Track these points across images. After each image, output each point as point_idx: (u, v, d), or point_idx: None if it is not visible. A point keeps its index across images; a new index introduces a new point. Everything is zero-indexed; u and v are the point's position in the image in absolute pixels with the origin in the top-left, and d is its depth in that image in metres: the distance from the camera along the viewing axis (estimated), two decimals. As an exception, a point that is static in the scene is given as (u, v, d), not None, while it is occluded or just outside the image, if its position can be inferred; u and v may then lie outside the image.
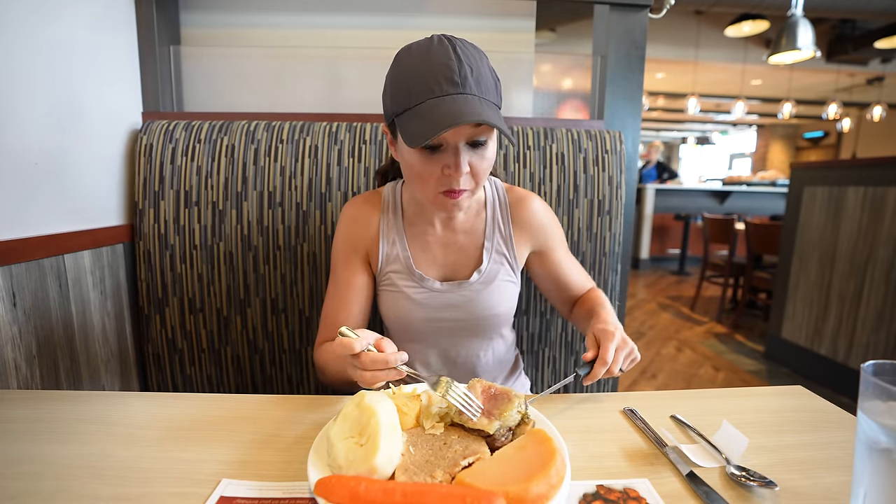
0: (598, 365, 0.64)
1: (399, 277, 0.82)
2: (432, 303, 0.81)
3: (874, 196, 2.29)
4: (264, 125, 1.09)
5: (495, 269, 0.83)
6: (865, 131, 9.31)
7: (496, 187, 0.86)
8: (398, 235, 0.82)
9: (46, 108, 0.87)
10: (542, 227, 0.85)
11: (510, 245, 0.84)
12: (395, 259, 0.82)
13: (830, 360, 2.52)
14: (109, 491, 0.48)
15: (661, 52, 5.79)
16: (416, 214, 0.83)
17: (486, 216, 0.84)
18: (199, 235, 1.06)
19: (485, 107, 0.64)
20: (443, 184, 0.69)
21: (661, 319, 3.91)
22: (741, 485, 0.49)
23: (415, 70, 0.65)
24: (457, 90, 0.64)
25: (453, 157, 0.67)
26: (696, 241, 6.23)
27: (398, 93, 0.67)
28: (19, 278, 0.80)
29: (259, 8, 1.30)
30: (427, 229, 0.83)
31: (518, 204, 0.85)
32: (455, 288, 0.81)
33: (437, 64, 0.64)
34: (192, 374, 1.11)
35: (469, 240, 0.83)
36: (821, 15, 4.41)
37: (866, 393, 0.39)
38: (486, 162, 0.70)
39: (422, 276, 0.81)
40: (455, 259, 0.83)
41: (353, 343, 0.56)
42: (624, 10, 1.19)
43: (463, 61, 0.64)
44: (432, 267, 0.83)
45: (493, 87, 0.68)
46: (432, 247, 0.83)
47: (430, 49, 0.65)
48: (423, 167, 0.69)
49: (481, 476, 0.46)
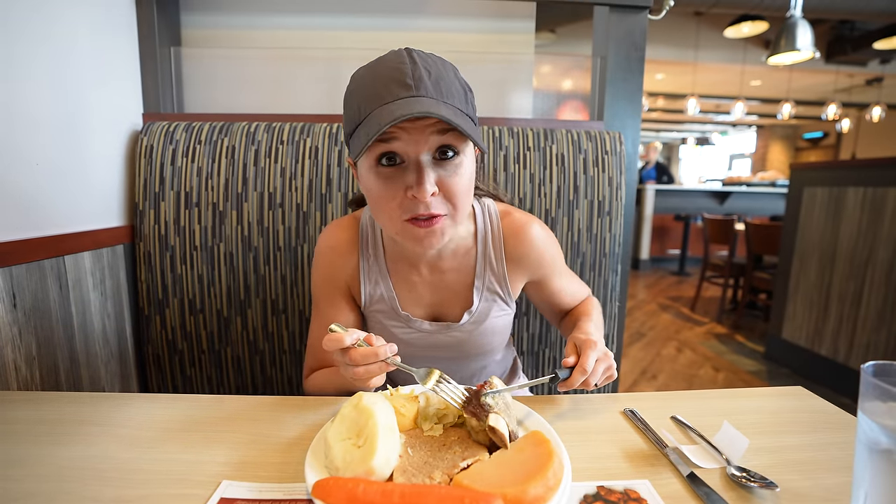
0: (577, 372, 0.61)
1: (385, 317, 0.77)
2: (421, 343, 0.77)
3: (874, 197, 2.29)
4: (265, 126, 1.09)
5: (487, 307, 0.76)
6: (865, 132, 9.32)
7: (489, 214, 0.76)
8: (381, 275, 0.75)
9: (47, 109, 0.87)
10: (540, 258, 0.77)
11: (503, 282, 0.76)
12: (380, 299, 0.76)
13: (831, 360, 2.52)
14: (110, 492, 0.48)
15: (661, 52, 5.80)
16: (399, 252, 0.75)
17: (476, 252, 0.75)
18: (199, 236, 1.06)
19: (443, 108, 0.55)
20: (407, 209, 0.59)
21: (662, 320, 3.91)
22: (742, 486, 0.49)
23: (364, 83, 0.58)
24: (409, 93, 0.55)
25: (415, 174, 0.57)
26: (696, 242, 6.23)
27: (349, 111, 0.60)
28: (20, 279, 0.80)
29: (259, 9, 1.30)
30: (411, 269, 0.75)
31: (514, 236, 0.75)
32: (444, 329, 0.77)
33: (388, 69, 0.56)
34: (193, 375, 1.11)
35: (457, 278, 0.75)
36: (820, 16, 4.41)
37: (866, 394, 0.39)
38: (461, 179, 0.60)
39: (408, 318, 0.76)
40: (443, 299, 0.76)
41: (342, 336, 0.55)
42: (623, 12, 1.19)
43: (418, 64, 0.56)
44: (419, 307, 0.77)
45: (460, 94, 0.59)
46: (418, 287, 0.76)
47: (383, 58, 0.59)
48: (382, 189, 0.59)
49: (479, 478, 0.46)
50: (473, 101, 0.63)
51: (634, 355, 3.07)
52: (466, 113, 0.60)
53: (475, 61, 1.28)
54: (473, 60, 1.28)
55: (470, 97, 0.62)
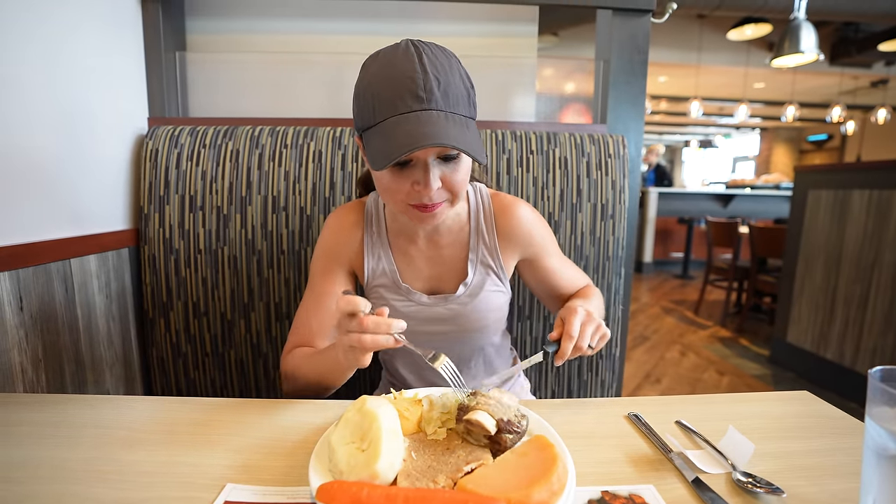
0: (565, 340, 0.64)
1: (386, 291, 0.81)
2: (420, 316, 0.81)
3: (879, 199, 2.28)
4: (268, 130, 1.09)
5: (481, 280, 0.81)
6: (870, 134, 9.27)
7: (481, 195, 0.84)
8: (383, 250, 0.82)
9: (54, 114, 0.88)
10: (529, 235, 0.83)
11: (496, 255, 0.82)
12: (382, 273, 0.81)
13: (837, 364, 2.50)
14: (115, 495, 0.48)
15: (664, 55, 5.79)
16: (399, 229, 0.82)
17: (469, 228, 0.82)
18: (203, 240, 1.06)
19: (451, 125, 0.61)
20: (413, 198, 0.67)
21: (665, 323, 3.89)
22: (748, 491, 0.48)
23: (379, 83, 0.63)
24: (421, 106, 0.61)
25: (423, 174, 0.64)
26: (700, 245, 6.20)
27: (363, 108, 0.65)
28: (26, 283, 0.81)
29: (263, 14, 1.31)
30: (411, 244, 0.82)
31: (503, 213, 0.82)
32: (442, 301, 0.81)
33: (401, 78, 0.61)
34: (196, 378, 1.11)
35: (453, 252, 0.82)
36: (824, 18, 4.40)
37: (874, 399, 0.39)
38: (461, 174, 0.67)
39: (408, 290, 0.81)
40: (440, 272, 0.82)
41: (359, 301, 0.56)
42: (626, 15, 1.19)
43: (429, 72, 0.61)
44: (418, 280, 0.82)
45: (464, 97, 0.64)
46: (417, 261, 0.82)
47: (395, 60, 0.62)
48: (392, 183, 0.66)
49: (483, 482, 0.46)
50: (475, 98, 0.68)
51: (638, 359, 3.06)
52: (469, 116, 0.66)
53: (478, 65, 1.28)
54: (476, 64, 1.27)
55: (472, 95, 0.67)
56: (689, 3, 4.00)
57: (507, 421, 0.53)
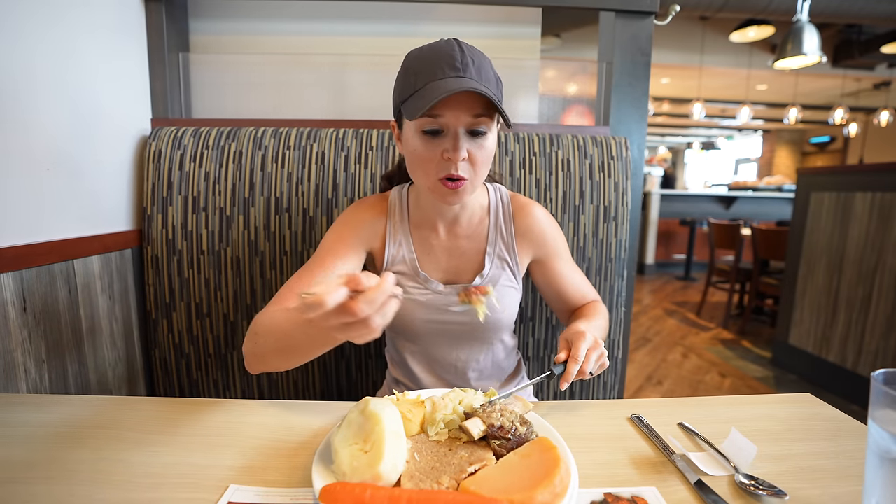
0: (571, 363, 0.66)
1: (404, 279, 0.83)
2: (435, 304, 0.82)
3: (882, 202, 2.28)
4: (271, 132, 1.10)
5: (497, 273, 0.84)
6: (873, 136, 9.24)
7: (500, 194, 0.88)
8: (404, 237, 0.84)
9: (58, 115, 0.88)
10: (543, 235, 0.86)
11: (512, 251, 0.85)
12: (402, 261, 0.84)
13: (839, 367, 2.50)
14: (119, 496, 0.48)
15: (667, 57, 5.79)
16: (422, 218, 0.84)
17: (489, 222, 0.85)
18: (206, 241, 1.07)
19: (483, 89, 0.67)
20: (443, 168, 0.71)
21: (667, 325, 3.89)
22: (750, 494, 0.48)
23: (422, 61, 0.70)
24: (458, 74, 0.68)
25: (452, 141, 0.70)
26: (702, 247, 6.19)
27: (405, 81, 0.71)
28: (30, 283, 0.81)
29: (267, 16, 1.32)
30: (431, 233, 0.84)
31: (521, 211, 0.86)
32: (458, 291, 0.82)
33: (442, 54, 0.69)
34: (199, 379, 1.12)
35: (472, 244, 0.85)
36: (826, 20, 4.39)
37: (877, 402, 0.39)
38: (485, 152, 0.72)
39: (426, 278, 0.83)
40: (458, 263, 0.85)
41: (322, 298, 0.43)
42: (629, 17, 1.19)
43: (466, 54, 0.69)
44: (436, 270, 0.84)
45: (494, 82, 0.72)
46: (436, 251, 0.85)
47: (436, 45, 0.71)
48: (425, 150, 0.71)
49: (486, 483, 0.46)
50: (502, 90, 0.76)
51: (640, 360, 3.05)
52: (498, 97, 0.73)
53: (481, 67, 1.28)
54: (479, 66, 1.28)
55: (500, 86, 0.75)
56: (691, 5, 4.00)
57: (500, 427, 0.53)
